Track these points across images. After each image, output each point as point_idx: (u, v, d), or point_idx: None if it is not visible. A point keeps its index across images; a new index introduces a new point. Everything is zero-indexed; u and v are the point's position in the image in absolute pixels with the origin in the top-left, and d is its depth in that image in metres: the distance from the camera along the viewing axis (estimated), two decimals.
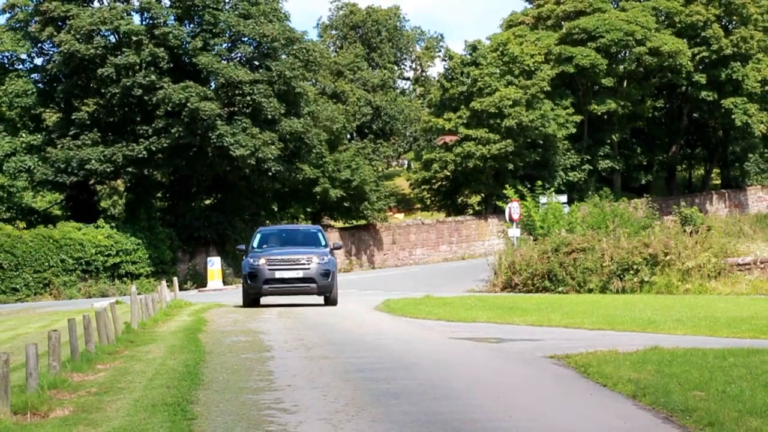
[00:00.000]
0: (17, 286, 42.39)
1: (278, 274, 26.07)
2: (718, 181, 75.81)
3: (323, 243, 27.87)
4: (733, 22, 66.55)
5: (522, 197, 42.81)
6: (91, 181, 48.39)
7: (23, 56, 49.11)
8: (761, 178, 72.14)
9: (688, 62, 63.39)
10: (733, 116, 64.67)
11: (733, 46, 64.39)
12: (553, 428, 8.62)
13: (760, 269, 30.18)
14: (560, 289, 31.60)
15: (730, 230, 44.48)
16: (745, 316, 18.79)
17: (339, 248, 30.79)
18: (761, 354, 12.54)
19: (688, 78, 64.95)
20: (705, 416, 8.60)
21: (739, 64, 64.78)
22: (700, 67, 65.12)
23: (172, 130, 44.51)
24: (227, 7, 48.11)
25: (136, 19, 47.21)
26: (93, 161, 44.77)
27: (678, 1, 65.40)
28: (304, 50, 50.58)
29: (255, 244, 28.04)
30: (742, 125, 64.97)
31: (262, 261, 26.27)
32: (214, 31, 47.11)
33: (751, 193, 72.04)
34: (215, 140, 45.01)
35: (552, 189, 46.80)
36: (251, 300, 26.92)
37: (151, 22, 46.51)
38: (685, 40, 63.86)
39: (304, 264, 26.27)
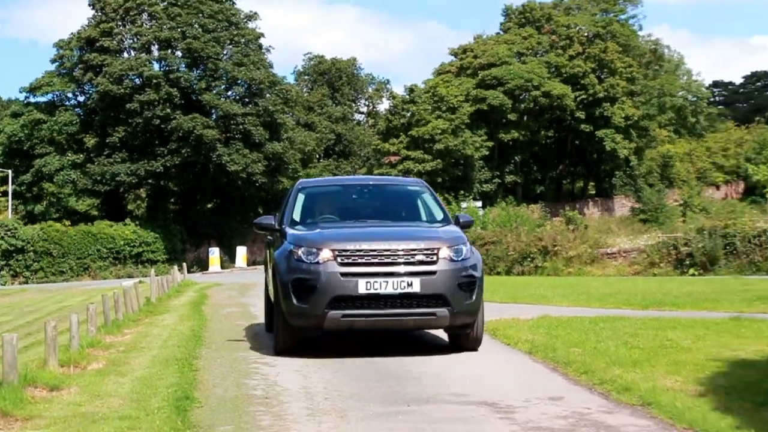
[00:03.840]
0: (64, 269, 41.99)
1: (363, 286, 8.92)
2: (594, 192, 76.51)
3: (440, 215, 10.54)
4: (604, 73, 67.33)
5: (448, 203, 42.98)
6: (121, 190, 48.09)
7: (69, 95, 48.87)
8: (625, 190, 72.80)
9: (572, 103, 64.11)
10: (604, 143, 65.46)
11: (605, 91, 65.17)
12: (465, 375, 8.68)
13: (623, 257, 30.53)
14: None
15: (602, 228, 44.79)
16: (612, 292, 18.98)
17: (470, 225, 10.42)
18: (623, 320, 12.69)
19: (572, 114, 65.54)
20: (581, 366, 8.69)
21: (608, 104, 65.46)
22: (580, 106, 65.67)
23: (183, 151, 44.33)
24: (225, 58, 47.98)
25: (156, 66, 46.98)
26: (122, 175, 44.50)
27: (564, 56, 66.12)
28: (284, 91, 50.62)
29: (296, 214, 10.30)
30: (610, 150, 65.84)
31: (326, 254, 8.99)
32: (215, 75, 47.00)
33: (617, 200, 72.77)
34: (215, 159, 44.87)
35: (470, 197, 47.01)
36: (295, 340, 9.81)
37: (167, 68, 46.30)
38: (569, 86, 64.54)
39: (420, 261, 9.04)
